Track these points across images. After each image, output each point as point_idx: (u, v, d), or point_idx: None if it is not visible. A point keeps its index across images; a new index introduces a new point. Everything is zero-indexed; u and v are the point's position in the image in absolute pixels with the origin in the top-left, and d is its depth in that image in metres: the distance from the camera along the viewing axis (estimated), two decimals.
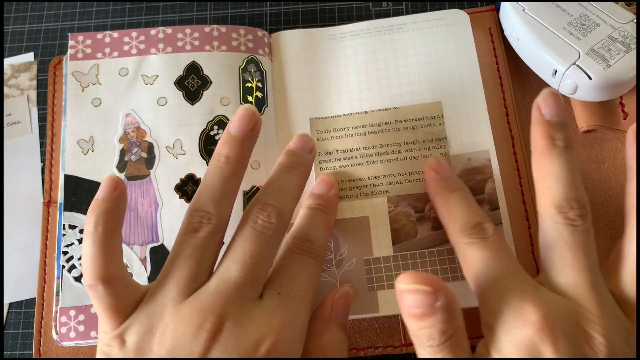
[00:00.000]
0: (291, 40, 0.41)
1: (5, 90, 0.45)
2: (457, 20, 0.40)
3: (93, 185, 0.37)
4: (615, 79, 0.35)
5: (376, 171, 0.38)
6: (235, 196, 0.32)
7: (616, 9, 0.38)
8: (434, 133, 0.38)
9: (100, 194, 0.29)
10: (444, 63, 0.39)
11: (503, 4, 0.40)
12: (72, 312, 0.35)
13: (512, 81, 0.40)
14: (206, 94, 0.39)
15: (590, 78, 0.35)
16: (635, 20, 0.37)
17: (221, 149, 0.32)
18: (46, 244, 0.39)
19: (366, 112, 0.39)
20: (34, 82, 0.45)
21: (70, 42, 0.40)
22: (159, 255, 0.36)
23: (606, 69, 0.35)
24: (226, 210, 0.31)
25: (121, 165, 0.38)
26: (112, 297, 0.28)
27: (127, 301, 0.29)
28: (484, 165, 0.37)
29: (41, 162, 0.42)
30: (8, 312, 0.39)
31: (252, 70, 0.40)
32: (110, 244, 0.28)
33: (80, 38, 0.40)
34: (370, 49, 0.40)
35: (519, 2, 0.38)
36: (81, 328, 0.35)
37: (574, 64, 0.36)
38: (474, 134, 0.37)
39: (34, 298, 0.39)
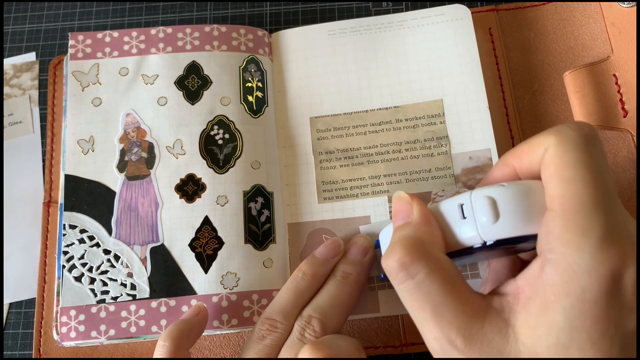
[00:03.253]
0: (291, 38, 0.41)
1: (7, 90, 0.45)
2: (458, 15, 0.40)
3: (93, 185, 0.37)
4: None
5: (377, 171, 0.38)
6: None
7: None
8: (435, 132, 0.38)
9: (184, 315, 0.34)
10: (445, 60, 0.39)
11: None
12: (73, 312, 0.35)
13: (512, 81, 0.40)
14: (206, 93, 0.39)
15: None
16: None
17: (301, 267, 0.34)
18: (46, 244, 0.39)
19: (366, 111, 0.39)
20: (36, 82, 0.45)
21: (71, 42, 0.40)
22: (159, 255, 0.36)
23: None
24: (294, 321, 0.32)
25: (121, 165, 0.38)
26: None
27: None
28: (485, 164, 0.37)
29: (42, 162, 0.42)
30: (8, 312, 0.39)
31: (253, 70, 0.40)
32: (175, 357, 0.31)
33: (81, 38, 0.40)
34: (370, 46, 0.40)
35: None
36: (81, 328, 0.35)
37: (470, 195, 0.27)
38: (475, 132, 0.37)
39: (34, 298, 0.39)
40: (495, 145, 0.37)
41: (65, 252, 0.36)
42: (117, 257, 0.36)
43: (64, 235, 0.36)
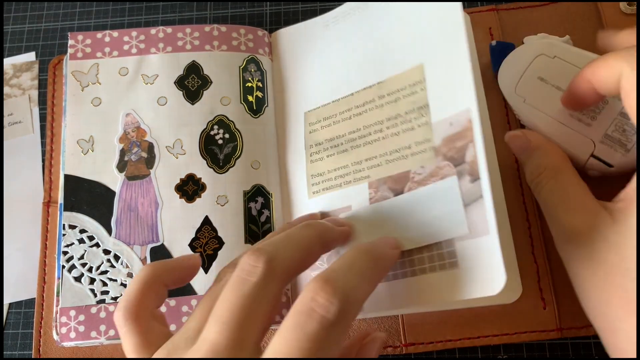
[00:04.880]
0: (290, 37, 0.41)
1: (7, 89, 0.45)
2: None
3: (93, 185, 0.37)
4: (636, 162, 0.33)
5: (359, 156, 0.36)
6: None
7: None
8: (416, 102, 0.35)
9: (176, 258, 0.31)
10: (427, 22, 0.36)
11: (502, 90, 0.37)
12: (72, 313, 0.35)
13: None
14: (206, 93, 0.39)
15: (611, 166, 0.33)
16: None
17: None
18: (46, 244, 0.39)
19: (352, 94, 0.38)
20: (36, 82, 0.45)
21: (70, 42, 0.40)
22: (159, 255, 0.36)
23: (625, 154, 0.33)
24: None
25: (121, 165, 0.38)
26: (137, 336, 0.27)
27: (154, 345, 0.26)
28: (465, 128, 0.32)
29: (42, 162, 0.42)
30: (8, 312, 0.39)
31: (253, 70, 0.40)
32: (149, 289, 0.27)
33: (80, 37, 0.40)
34: (359, 25, 0.39)
35: (517, 93, 0.36)
36: (81, 328, 0.35)
37: (591, 155, 0.33)
38: (456, 91, 0.33)
39: (34, 298, 0.39)
40: (476, 104, 0.32)
41: (65, 252, 0.36)
42: (117, 257, 0.36)
43: (64, 235, 0.36)
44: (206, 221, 0.36)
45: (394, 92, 0.36)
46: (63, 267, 0.36)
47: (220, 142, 0.38)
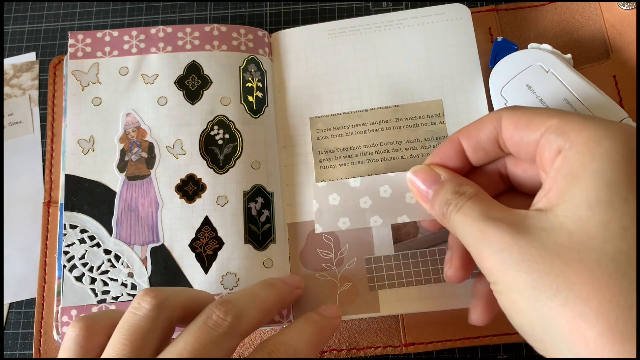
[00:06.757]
0: (291, 38, 0.41)
1: (7, 90, 0.45)
2: (458, 15, 0.40)
3: (94, 185, 0.37)
4: None
5: (377, 170, 0.38)
6: None
7: (607, 107, 0.34)
8: (435, 132, 0.38)
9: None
10: (445, 60, 0.39)
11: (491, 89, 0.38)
12: (74, 312, 0.35)
13: None
14: (206, 93, 0.39)
15: None
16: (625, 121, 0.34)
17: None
18: (46, 244, 0.39)
19: (366, 110, 0.39)
20: (36, 82, 0.45)
21: (70, 41, 0.40)
22: (159, 256, 0.36)
23: None
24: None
25: (122, 165, 0.38)
26: None
27: None
28: None
29: (42, 162, 0.42)
30: (8, 312, 0.39)
31: (253, 70, 0.40)
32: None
33: (80, 37, 0.40)
34: (370, 45, 0.40)
35: (502, 94, 0.37)
36: None
37: None
38: None
39: (34, 298, 0.39)
40: None
41: (66, 252, 0.36)
42: (117, 257, 0.36)
43: (65, 235, 0.36)
44: (206, 221, 0.36)
45: (412, 118, 0.38)
46: (64, 266, 0.36)
47: (220, 142, 0.38)
